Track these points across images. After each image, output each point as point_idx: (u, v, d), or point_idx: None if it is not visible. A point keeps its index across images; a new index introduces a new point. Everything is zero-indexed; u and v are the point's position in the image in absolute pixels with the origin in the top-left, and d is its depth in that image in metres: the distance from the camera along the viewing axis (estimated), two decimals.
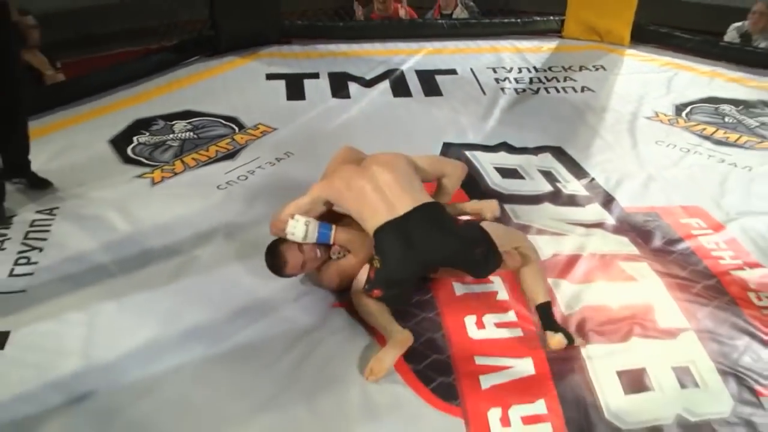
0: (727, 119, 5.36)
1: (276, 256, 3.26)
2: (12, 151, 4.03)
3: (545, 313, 3.12)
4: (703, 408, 2.78)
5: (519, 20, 7.21)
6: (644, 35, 6.88)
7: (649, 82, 6.02)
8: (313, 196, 3.33)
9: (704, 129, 5.18)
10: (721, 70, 6.29)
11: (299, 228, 3.21)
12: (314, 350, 3.05)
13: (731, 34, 7.10)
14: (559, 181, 4.43)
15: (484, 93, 5.81)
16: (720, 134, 5.11)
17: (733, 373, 2.94)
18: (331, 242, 3.30)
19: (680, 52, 6.64)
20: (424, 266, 3.19)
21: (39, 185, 4.14)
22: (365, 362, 2.95)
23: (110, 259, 3.60)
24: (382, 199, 3.16)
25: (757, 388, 2.88)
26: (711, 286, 3.47)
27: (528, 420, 2.71)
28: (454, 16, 7.31)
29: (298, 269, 3.30)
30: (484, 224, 3.27)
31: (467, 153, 4.74)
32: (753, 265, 3.64)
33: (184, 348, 3.03)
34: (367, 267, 3.19)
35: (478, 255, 3.13)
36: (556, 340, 3.01)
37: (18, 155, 4.10)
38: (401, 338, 3.00)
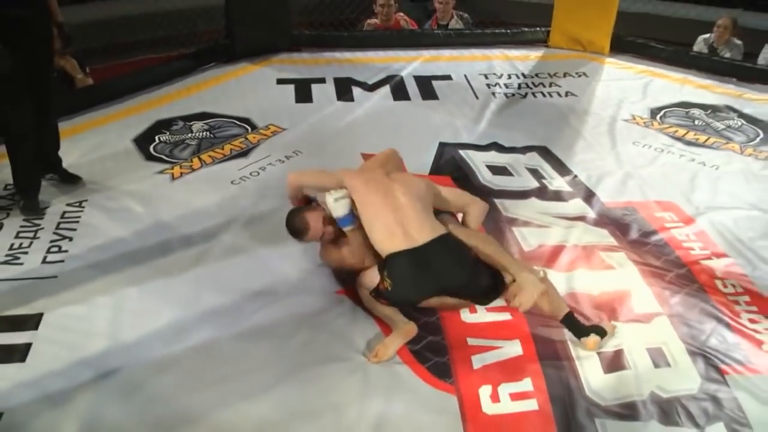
0: (696, 122, 5.34)
1: (301, 221, 3.22)
2: (44, 146, 4.02)
3: (571, 323, 2.99)
4: (674, 385, 2.79)
5: (509, 31, 7.17)
6: (623, 45, 6.86)
7: (627, 88, 6.00)
8: (335, 178, 3.27)
9: (676, 131, 5.17)
10: (692, 78, 6.27)
11: (341, 204, 3.17)
12: (320, 333, 3.05)
13: (699, 45, 7.11)
14: (545, 178, 4.42)
15: (476, 97, 5.79)
16: (690, 136, 5.10)
17: (701, 354, 2.95)
18: (346, 231, 3.23)
19: (655, 60, 6.61)
20: (434, 293, 3.05)
21: (70, 180, 4.13)
22: (367, 344, 2.97)
23: (134, 247, 3.60)
24: (399, 223, 3.00)
25: (723, 367, 2.90)
26: (682, 275, 3.48)
27: (516, 396, 2.72)
28: (450, 26, 7.28)
29: (316, 238, 3.27)
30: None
31: (461, 152, 4.74)
32: (719, 255, 3.66)
33: (201, 329, 3.04)
34: (376, 269, 3.07)
35: (484, 287, 3.03)
36: (592, 342, 2.94)
37: (49, 150, 4.08)
38: (406, 329, 2.99)
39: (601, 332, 2.98)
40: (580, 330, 2.98)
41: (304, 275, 3.40)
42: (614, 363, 2.89)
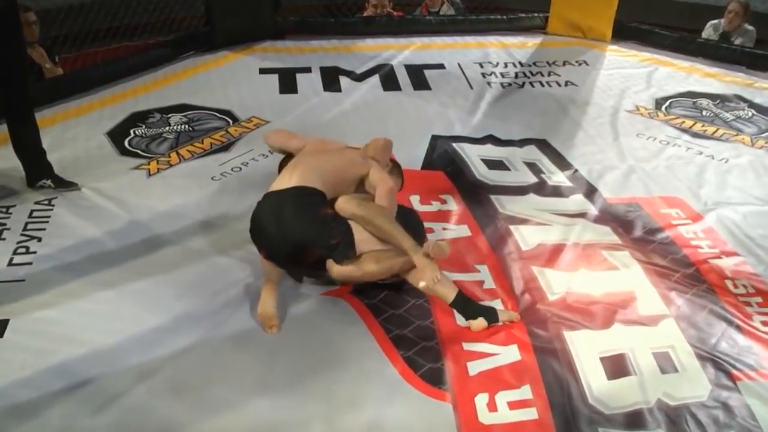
0: (704, 113, 5.36)
1: None
2: (28, 148, 3.98)
3: (461, 304, 3.06)
4: (682, 392, 2.78)
5: (505, 17, 7.19)
6: (625, 32, 6.88)
7: (630, 76, 6.02)
8: (301, 143, 3.69)
9: (683, 122, 5.18)
10: (699, 66, 6.30)
11: None
12: (307, 338, 3.03)
13: (708, 31, 7.12)
14: (543, 173, 4.42)
15: (471, 87, 5.79)
16: (698, 127, 5.11)
17: (711, 358, 2.94)
18: None
19: (660, 48, 6.64)
20: (280, 242, 3.12)
21: (64, 186, 4.06)
22: (356, 348, 2.96)
23: (108, 248, 3.57)
24: (288, 176, 3.25)
25: (734, 372, 2.88)
26: (690, 275, 3.47)
27: (514, 405, 2.70)
28: (440, 13, 7.28)
29: None
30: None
31: (455, 145, 4.73)
32: (729, 254, 3.65)
33: (182, 334, 3.01)
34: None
35: (333, 245, 3.08)
36: (476, 325, 3.03)
37: (35, 151, 4.03)
38: (266, 287, 3.17)
39: (491, 316, 3.05)
40: (469, 311, 3.05)
41: (288, 278, 3.37)
42: (618, 368, 2.88)
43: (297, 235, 3.08)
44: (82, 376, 2.78)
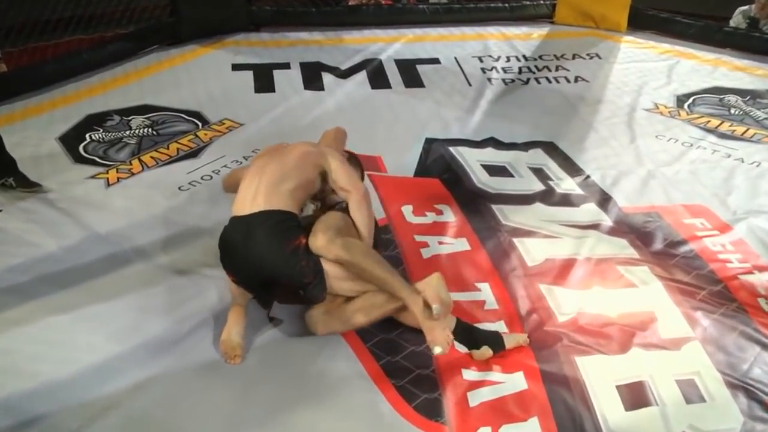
0: (732, 111, 5.39)
1: None
2: None
3: (463, 333, 3.08)
4: (710, 424, 2.78)
5: (507, 5, 7.22)
6: (642, 21, 6.92)
7: (648, 71, 6.06)
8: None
9: (708, 121, 5.21)
10: (726, 58, 6.34)
11: None
12: (286, 364, 3.03)
13: (737, 19, 7.13)
14: (551, 179, 4.44)
15: (469, 84, 5.82)
16: (725, 127, 5.14)
17: (742, 386, 2.94)
18: None
19: (681, 38, 6.69)
20: (250, 271, 3.16)
21: (26, 186, 4.13)
22: (342, 378, 2.96)
23: (62, 267, 3.56)
24: (250, 192, 3.25)
25: None
26: (717, 292, 3.48)
27: None
28: (434, 1, 7.31)
29: None
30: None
31: (451, 149, 4.75)
32: (763, 269, 3.66)
33: (145, 363, 3.00)
34: None
35: (305, 283, 3.10)
36: (479, 354, 3.04)
37: None
38: (233, 310, 3.18)
39: (497, 344, 3.07)
40: (471, 340, 3.07)
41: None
42: (637, 398, 2.88)
43: (267, 268, 3.10)
44: (29, 413, 2.76)
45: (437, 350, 2.89)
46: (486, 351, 3.04)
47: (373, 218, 3.41)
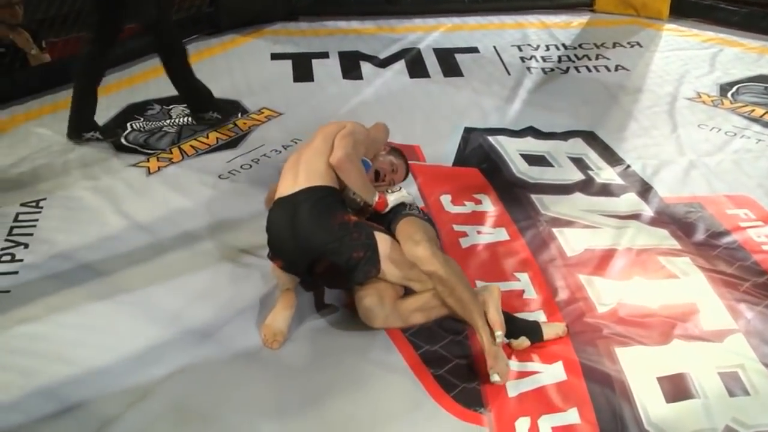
0: None
1: None
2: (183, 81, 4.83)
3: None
4: (755, 418, 2.73)
5: None
6: (684, 8, 6.84)
7: (691, 59, 5.98)
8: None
9: (752, 110, 5.14)
10: None
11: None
12: (326, 353, 3.04)
13: None
14: (591, 169, 4.41)
15: (508, 73, 5.79)
16: None
17: None
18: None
19: (725, 26, 6.59)
20: (298, 250, 3.13)
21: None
22: (380, 366, 2.96)
23: (103, 255, 3.59)
24: (293, 173, 3.27)
25: None
26: (761, 284, 3.43)
27: (559, 430, 2.68)
28: None
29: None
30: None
31: (490, 138, 4.73)
32: None
33: (184, 351, 3.02)
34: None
35: (354, 259, 3.05)
36: (516, 344, 3.04)
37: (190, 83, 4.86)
38: (284, 296, 3.18)
39: (535, 334, 3.05)
40: (509, 329, 3.02)
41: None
42: (679, 390, 2.84)
43: (316, 244, 3.07)
44: (70, 399, 2.79)
45: (495, 378, 2.85)
46: (524, 341, 3.02)
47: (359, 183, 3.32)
